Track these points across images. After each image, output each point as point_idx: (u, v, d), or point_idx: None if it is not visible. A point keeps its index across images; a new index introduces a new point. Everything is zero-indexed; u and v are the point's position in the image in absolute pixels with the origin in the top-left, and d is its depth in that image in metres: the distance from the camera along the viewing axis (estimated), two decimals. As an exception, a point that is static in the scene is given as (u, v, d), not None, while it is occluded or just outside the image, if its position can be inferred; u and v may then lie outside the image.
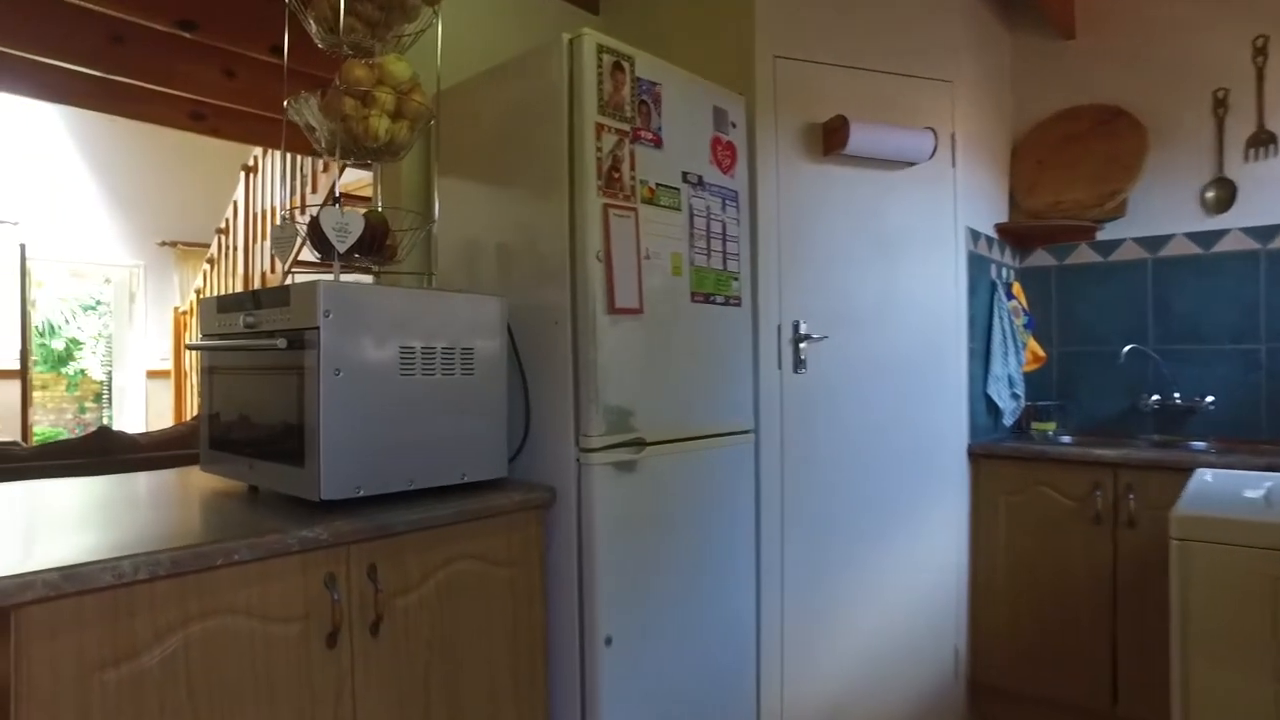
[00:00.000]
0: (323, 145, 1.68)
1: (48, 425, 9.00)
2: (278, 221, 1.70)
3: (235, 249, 6.06)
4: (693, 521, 1.93)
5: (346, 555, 1.33)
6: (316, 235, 1.61)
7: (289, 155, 5.49)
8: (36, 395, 7.46)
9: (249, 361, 1.53)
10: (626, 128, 1.79)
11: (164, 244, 7.66)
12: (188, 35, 3.06)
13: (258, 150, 5.72)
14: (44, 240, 6.88)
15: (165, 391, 7.60)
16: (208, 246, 7.33)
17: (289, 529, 1.25)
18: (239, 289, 6.00)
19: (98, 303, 11.23)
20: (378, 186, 1.86)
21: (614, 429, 1.72)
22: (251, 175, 5.81)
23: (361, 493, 1.41)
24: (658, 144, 1.87)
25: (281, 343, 1.36)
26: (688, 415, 1.93)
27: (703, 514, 1.96)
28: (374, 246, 1.64)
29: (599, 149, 1.72)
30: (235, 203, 6.02)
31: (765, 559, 2.21)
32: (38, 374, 7.98)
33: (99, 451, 3.41)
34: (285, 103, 1.69)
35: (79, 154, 7.23)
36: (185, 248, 7.71)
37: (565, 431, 1.71)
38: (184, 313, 6.90)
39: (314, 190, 5.08)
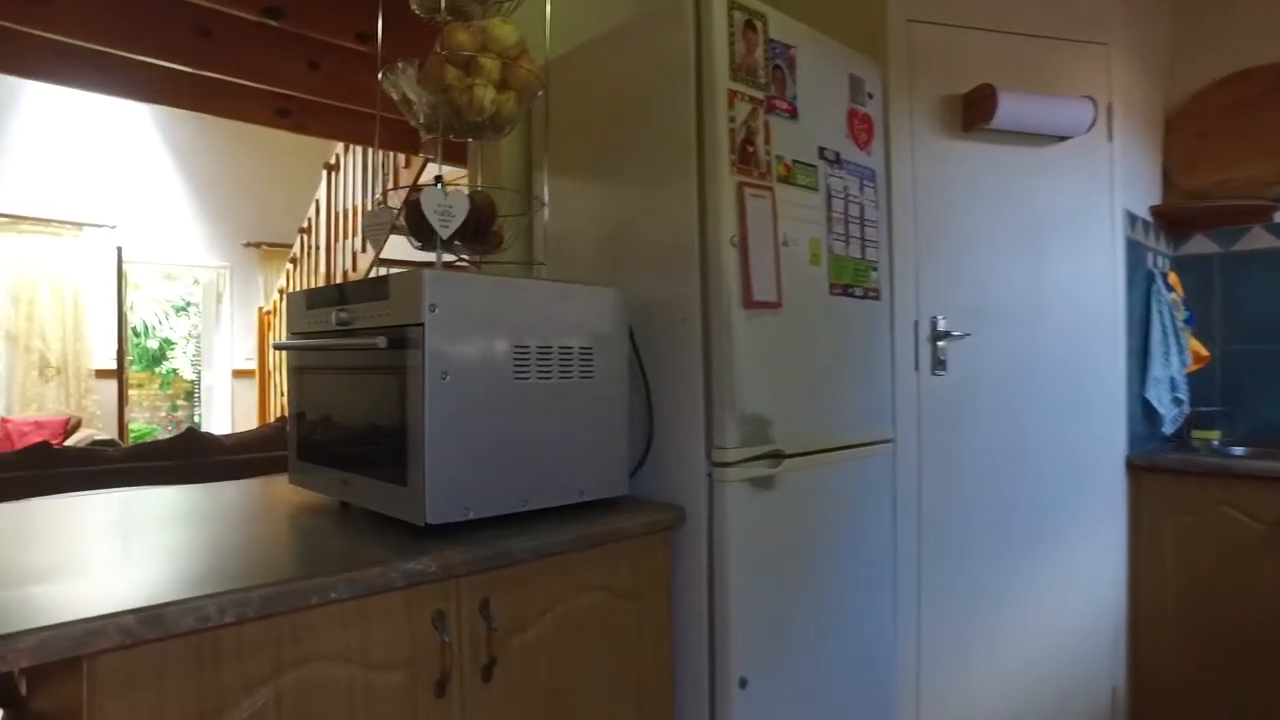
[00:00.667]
0: (421, 120, 1.50)
1: (142, 423, 9.24)
2: (369, 209, 1.52)
3: (317, 249, 6.04)
4: (832, 546, 1.69)
5: (457, 589, 1.14)
6: (415, 219, 1.43)
7: (371, 152, 5.43)
8: (133, 394, 7.61)
9: (342, 362, 1.35)
10: (760, 95, 1.56)
11: (249, 245, 7.74)
12: (274, 23, 2.96)
13: (339, 148, 5.67)
14: (138, 243, 7.01)
15: (250, 391, 7.68)
16: (290, 247, 7.37)
17: (392, 560, 1.07)
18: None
19: (187, 304, 11.54)
20: (476, 166, 1.67)
21: (750, 440, 1.49)
22: (334, 173, 5.77)
23: (471, 515, 1.22)
24: (793, 115, 1.64)
25: (381, 341, 1.18)
26: (827, 423, 1.69)
27: (842, 537, 1.72)
28: (478, 232, 1.45)
29: (731, 119, 1.49)
30: (317, 201, 5.99)
31: (901, 586, 1.96)
32: (134, 373, 8.16)
33: (186, 453, 3.35)
34: (380, 74, 1.51)
35: (169, 157, 7.36)
36: (269, 248, 7.77)
37: (694, 443, 1.50)
38: (268, 313, 6.93)
39: (396, 186, 4.99)
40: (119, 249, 6.49)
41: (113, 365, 6.89)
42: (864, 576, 1.78)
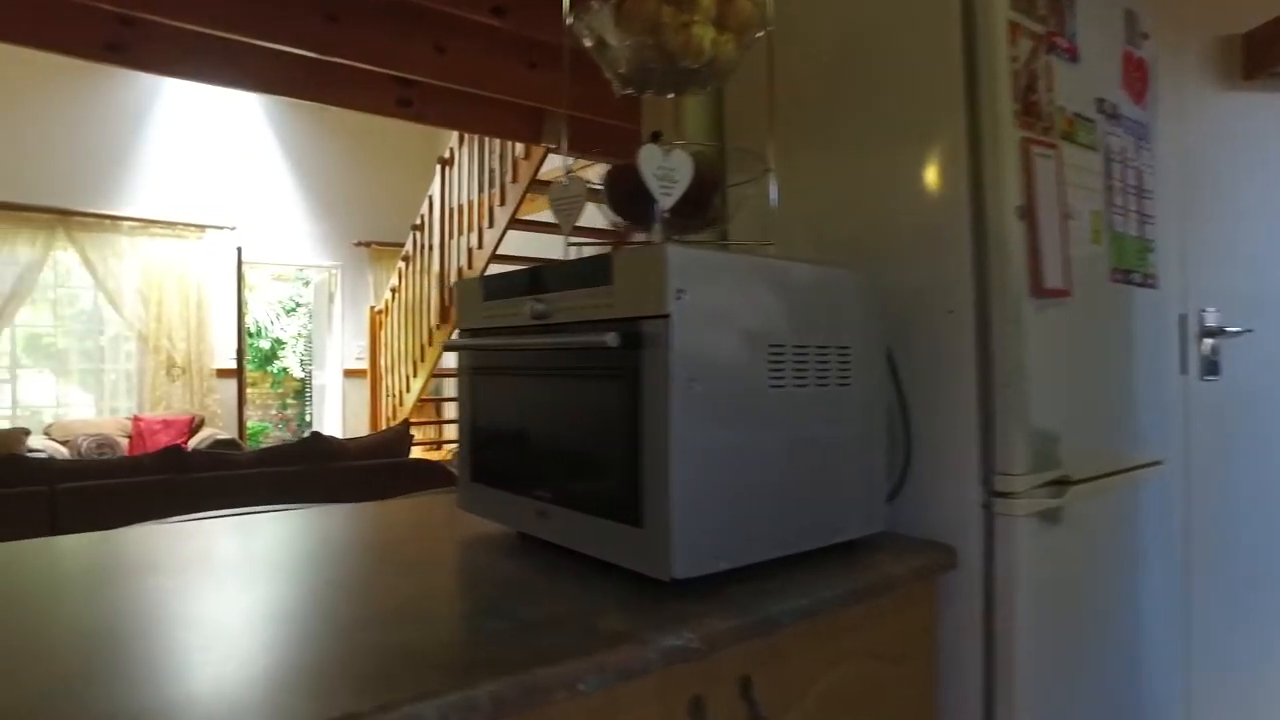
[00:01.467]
0: (622, 68, 1.23)
1: (255, 420, 9.45)
2: (557, 181, 1.25)
3: (430, 247, 5.94)
4: (1119, 595, 1.36)
5: (717, 667, 0.86)
6: (621, 188, 1.17)
7: (481, 142, 5.28)
8: (247, 392, 7.72)
9: (541, 364, 1.10)
10: (1040, 30, 1.24)
11: (359, 244, 7.75)
12: None
13: (453, 141, 5.55)
14: (253, 244, 7.08)
15: (361, 390, 7.69)
16: (400, 246, 7.36)
17: (642, 634, 0.79)
18: (433, 287, 5.87)
19: (297, 304, 11.80)
20: (682, 124, 1.40)
21: (1040, 463, 1.17)
22: (447, 168, 5.65)
23: (722, 565, 0.94)
24: (1073, 56, 1.30)
25: (611, 338, 0.91)
26: (1113, 441, 1.36)
27: (1125, 580, 1.38)
28: (697, 205, 1.17)
29: (1014, 59, 1.18)
30: (430, 198, 5.89)
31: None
32: (248, 372, 8.30)
33: (312, 457, 3.22)
34: (568, 18, 1.25)
35: (283, 160, 7.43)
36: (379, 247, 7.77)
37: (964, 466, 1.18)
38: (379, 312, 6.89)
39: (515, 179, 4.82)
40: (239, 249, 6.56)
41: (231, 365, 6.99)
42: (1146, 630, 1.43)
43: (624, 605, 0.88)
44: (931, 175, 1.23)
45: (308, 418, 11.18)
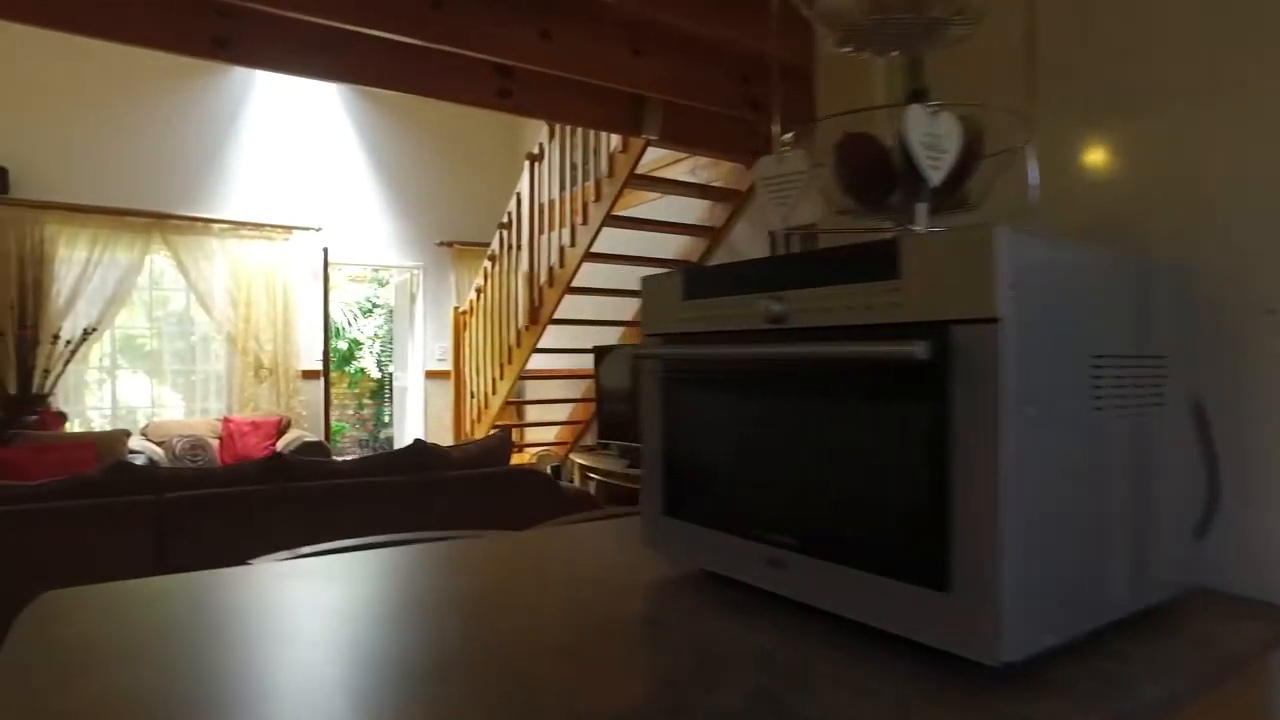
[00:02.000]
0: (849, 19, 1.02)
1: (334, 420, 9.51)
2: (764, 158, 1.05)
3: (518, 246, 5.82)
4: None
5: (1074, 789, 0.65)
6: (855, 164, 0.96)
7: (571, 136, 5.14)
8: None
9: (776, 376, 0.89)
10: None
11: (442, 244, 7.70)
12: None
13: (543, 136, 5.42)
14: (335, 245, 7.08)
15: (443, 392, 7.64)
16: (484, 246, 7.27)
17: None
18: (521, 287, 5.75)
19: (373, 305, 11.91)
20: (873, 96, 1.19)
21: (1402, 505, 0.92)
22: (536, 164, 5.52)
23: (1049, 641, 0.72)
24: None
25: (921, 349, 0.70)
26: None
27: None
28: (955, 182, 0.96)
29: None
30: (518, 195, 5.77)
31: None
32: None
33: (415, 467, 3.09)
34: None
35: (366, 160, 7.42)
36: (461, 247, 7.71)
37: (1295, 507, 0.94)
38: (463, 313, 6.82)
39: (610, 174, 4.65)
40: (325, 250, 6.55)
41: (313, 366, 7.01)
42: None
43: (932, 698, 0.68)
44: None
45: (386, 418, 11.27)
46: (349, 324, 11.63)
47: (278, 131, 6.98)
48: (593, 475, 5.26)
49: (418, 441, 3.18)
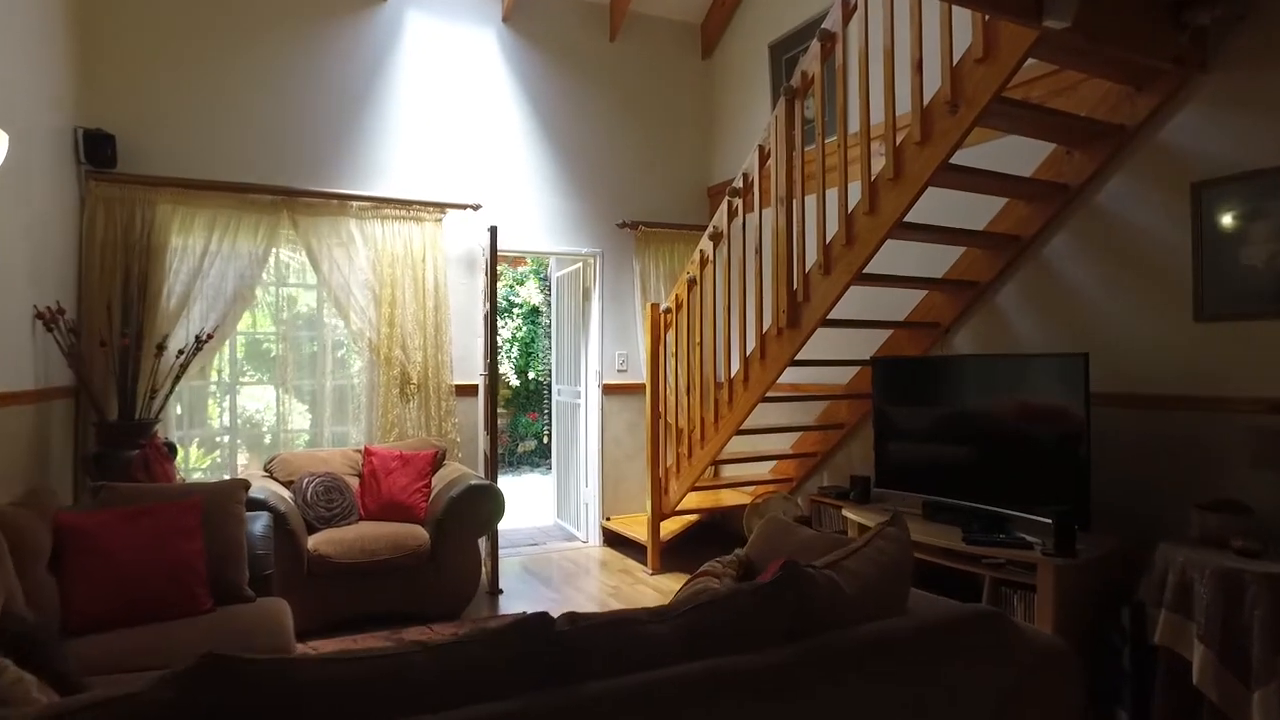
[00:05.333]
0: None
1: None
2: None
3: (760, 220, 4.16)
4: None
5: None
6: None
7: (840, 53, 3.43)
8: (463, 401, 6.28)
9: None
10: None
11: (624, 225, 6.13)
12: None
13: (813, 61, 3.74)
14: (491, 228, 5.62)
15: (625, 411, 6.10)
16: (678, 227, 5.72)
17: None
18: (768, 275, 4.10)
19: (510, 304, 10.52)
20: None
21: None
22: (797, 100, 3.85)
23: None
24: None
25: None
26: None
27: None
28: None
29: None
30: (760, 147, 4.12)
31: None
32: (463, 384, 6.89)
33: (794, 630, 1.46)
34: None
35: (528, 122, 5.95)
36: (647, 229, 6.13)
37: None
38: (665, 312, 5.23)
39: (952, 98, 2.94)
40: (492, 229, 5.07)
41: (469, 380, 5.59)
42: None
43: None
44: None
45: (546, 438, 9.84)
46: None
47: (428, 90, 5.59)
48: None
49: (791, 574, 1.55)
